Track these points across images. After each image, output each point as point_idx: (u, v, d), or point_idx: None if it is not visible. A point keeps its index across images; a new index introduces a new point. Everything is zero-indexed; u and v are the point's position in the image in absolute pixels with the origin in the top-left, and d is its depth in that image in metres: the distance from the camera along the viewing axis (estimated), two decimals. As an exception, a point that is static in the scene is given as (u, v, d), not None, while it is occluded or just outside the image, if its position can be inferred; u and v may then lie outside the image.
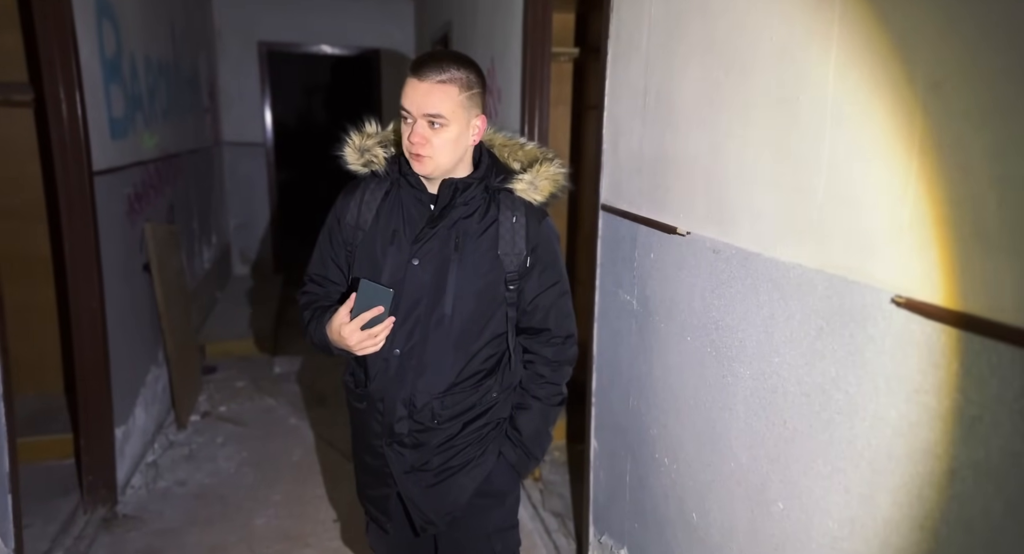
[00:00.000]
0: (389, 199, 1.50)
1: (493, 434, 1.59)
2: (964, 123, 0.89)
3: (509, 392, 1.60)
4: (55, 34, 2.48)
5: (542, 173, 1.50)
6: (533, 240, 1.49)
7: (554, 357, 1.59)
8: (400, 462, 1.54)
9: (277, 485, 3.09)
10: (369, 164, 1.52)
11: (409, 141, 1.39)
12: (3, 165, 3.10)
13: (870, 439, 1.06)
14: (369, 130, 1.55)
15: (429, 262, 1.45)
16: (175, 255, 3.95)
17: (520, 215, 1.48)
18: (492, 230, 1.47)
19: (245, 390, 4.14)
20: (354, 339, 1.38)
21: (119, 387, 2.92)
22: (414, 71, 1.37)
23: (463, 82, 1.38)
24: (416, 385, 1.49)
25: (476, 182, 1.46)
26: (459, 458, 1.55)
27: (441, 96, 1.35)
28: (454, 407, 1.52)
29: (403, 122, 1.41)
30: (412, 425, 1.52)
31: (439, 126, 1.37)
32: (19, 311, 3.22)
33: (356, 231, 1.50)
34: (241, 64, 6.10)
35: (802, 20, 1.18)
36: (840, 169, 1.10)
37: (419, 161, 1.40)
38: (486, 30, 3.45)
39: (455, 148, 1.41)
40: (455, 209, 1.45)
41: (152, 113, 3.71)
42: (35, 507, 2.75)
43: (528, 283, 1.52)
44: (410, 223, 1.47)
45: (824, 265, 1.14)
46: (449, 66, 1.36)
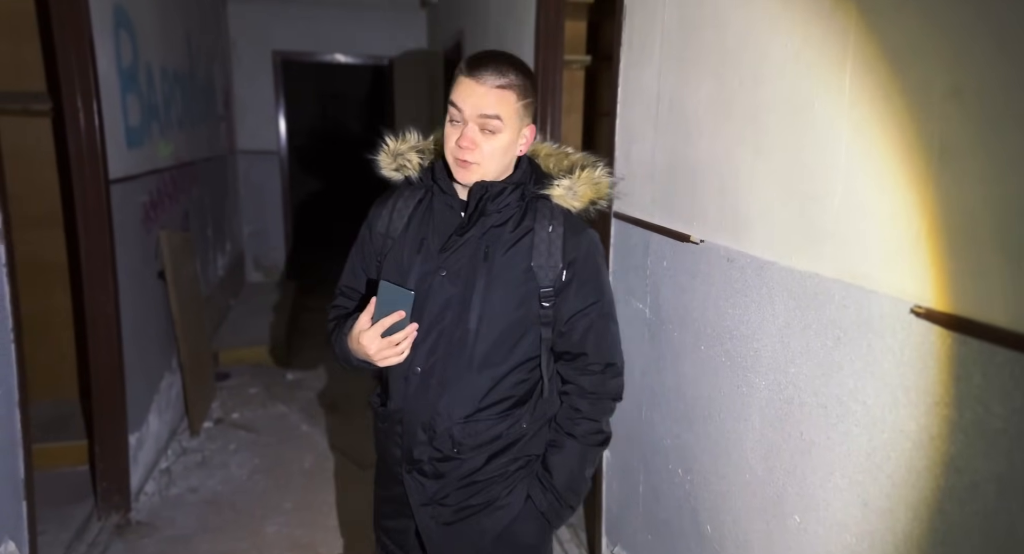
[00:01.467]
0: (421, 207, 1.42)
1: (522, 473, 1.44)
2: (984, 131, 0.87)
3: (542, 425, 1.45)
4: (73, 44, 2.51)
5: (583, 178, 1.37)
6: (571, 252, 1.36)
7: (592, 388, 1.42)
8: (419, 492, 1.42)
9: (288, 492, 3.09)
10: (402, 169, 1.45)
11: (457, 145, 1.28)
12: (21, 174, 3.13)
13: (889, 452, 1.04)
14: (408, 138, 1.48)
15: (457, 273, 1.35)
16: (189, 262, 3.97)
17: (557, 224, 1.37)
18: (526, 240, 1.36)
19: (258, 397, 4.15)
20: (374, 347, 1.28)
21: (133, 394, 2.93)
22: (471, 71, 1.27)
23: (521, 89, 1.29)
24: (436, 407, 1.37)
25: (510, 187, 1.35)
26: (481, 496, 1.42)
27: (499, 99, 1.26)
28: (477, 436, 1.38)
29: (449, 123, 1.30)
30: (431, 452, 1.40)
31: (492, 131, 1.28)
32: (35, 317, 3.25)
33: (386, 239, 1.43)
34: (256, 73, 6.15)
35: (817, 27, 1.17)
36: (857, 177, 1.09)
37: (465, 168, 1.30)
38: (498, 38, 3.46)
39: (503, 157, 1.32)
40: (487, 217, 1.35)
41: (168, 122, 3.75)
42: (49, 513, 2.77)
43: (564, 300, 1.37)
44: (439, 231, 1.38)
45: (841, 274, 1.13)
46: (509, 71, 1.27)
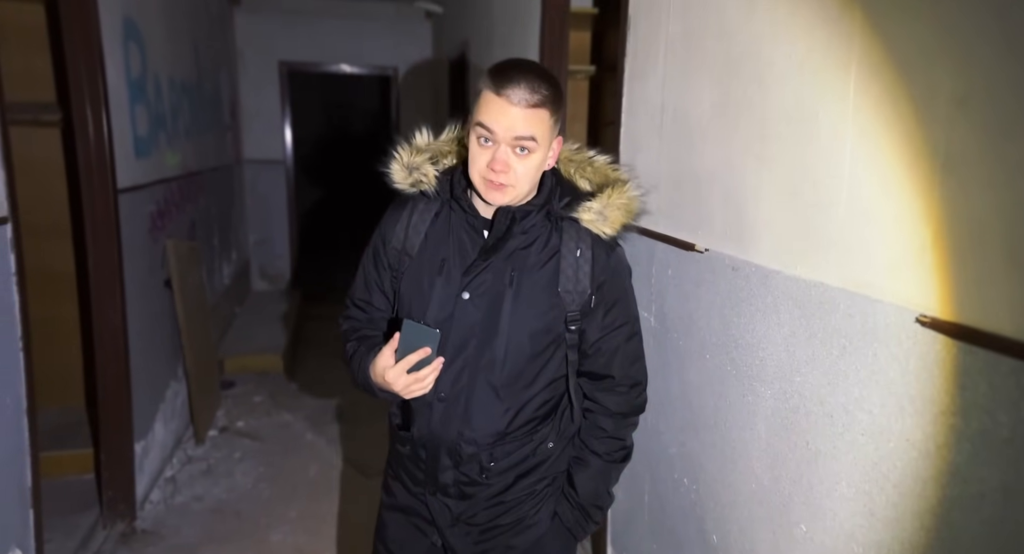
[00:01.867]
0: (439, 222, 1.35)
1: (548, 491, 1.43)
2: (990, 139, 0.87)
3: (567, 442, 1.44)
4: (83, 55, 2.53)
5: (613, 201, 1.31)
6: (599, 277, 1.32)
7: (617, 408, 1.40)
8: (444, 514, 1.40)
9: (293, 501, 3.09)
10: (418, 184, 1.36)
11: (490, 169, 1.21)
12: (31, 184, 3.15)
13: (896, 461, 1.04)
14: (420, 142, 1.39)
15: (481, 297, 1.30)
16: (196, 271, 3.99)
17: (585, 247, 1.32)
18: (553, 263, 1.31)
19: (263, 405, 4.16)
20: (400, 384, 1.25)
21: (139, 402, 2.94)
22: (502, 89, 1.18)
23: (554, 104, 1.22)
24: (462, 434, 1.34)
25: (536, 209, 1.30)
26: (510, 516, 1.40)
27: (534, 120, 1.20)
28: (504, 459, 1.37)
29: (478, 144, 1.23)
30: (457, 476, 1.37)
31: (526, 152, 1.21)
32: (43, 325, 3.26)
33: (403, 256, 1.36)
34: (262, 83, 6.19)
35: (821, 35, 1.18)
36: (861, 185, 1.09)
37: (499, 190, 1.23)
38: (503, 48, 3.48)
39: (536, 176, 1.26)
40: (512, 238, 1.30)
41: (175, 132, 3.78)
42: (55, 522, 2.77)
43: (591, 323, 1.34)
44: (461, 252, 1.32)
45: (847, 283, 1.13)
46: (541, 86, 1.20)
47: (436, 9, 5.54)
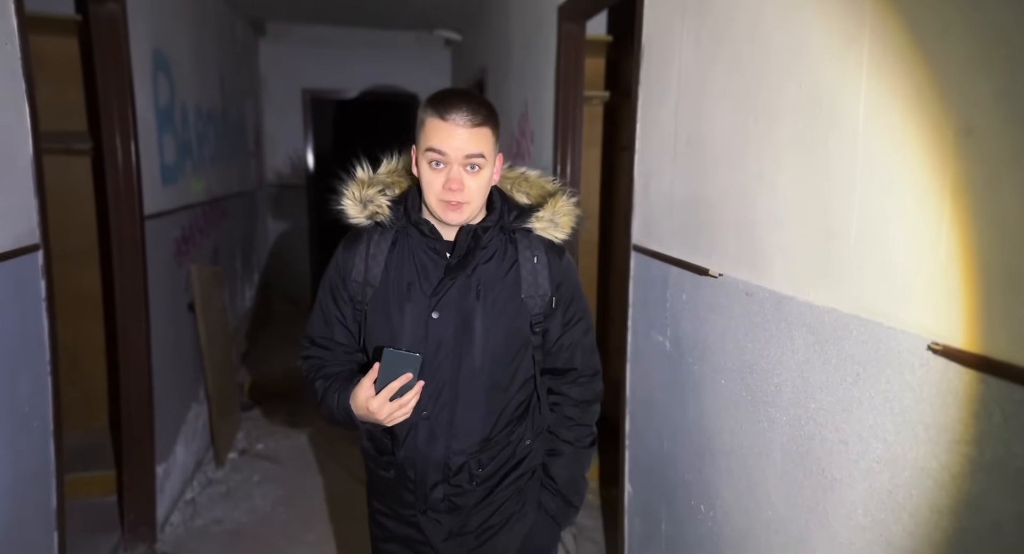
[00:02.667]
0: (397, 249, 1.40)
1: (530, 484, 1.51)
2: (997, 168, 0.88)
3: (542, 437, 1.52)
4: (114, 87, 2.62)
5: (560, 209, 1.41)
6: (556, 278, 1.42)
7: (581, 397, 1.51)
8: (437, 530, 1.44)
9: (310, 524, 3.10)
10: (374, 215, 1.40)
11: (446, 189, 1.28)
12: (62, 210, 3.24)
13: (911, 490, 1.03)
14: (362, 176, 1.43)
15: (450, 314, 1.35)
16: (218, 295, 4.05)
17: (540, 254, 1.41)
18: (513, 272, 1.39)
19: (281, 427, 4.19)
20: (384, 412, 1.26)
21: (161, 424, 2.98)
22: (446, 114, 1.27)
23: (494, 123, 1.32)
24: (450, 447, 1.39)
25: (493, 225, 1.38)
26: (499, 515, 1.47)
27: (480, 138, 1.28)
28: (491, 463, 1.43)
29: (430, 168, 1.29)
30: (448, 489, 1.42)
31: (477, 169, 1.29)
32: (71, 347, 3.33)
33: (365, 288, 1.39)
34: (285, 110, 6.32)
35: (830, 66, 1.19)
36: (872, 213, 1.10)
37: (456, 209, 1.30)
38: (520, 75, 3.53)
39: (486, 191, 1.34)
40: (474, 255, 1.37)
41: (200, 159, 3.86)
42: (79, 542, 2.80)
43: (552, 323, 1.44)
44: (425, 274, 1.37)
45: (859, 310, 1.13)
46: (480, 108, 1.29)
47: (455, 37, 5.64)
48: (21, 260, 1.74)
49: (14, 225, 1.71)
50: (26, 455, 1.78)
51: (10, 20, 1.74)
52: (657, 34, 1.90)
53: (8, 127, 1.71)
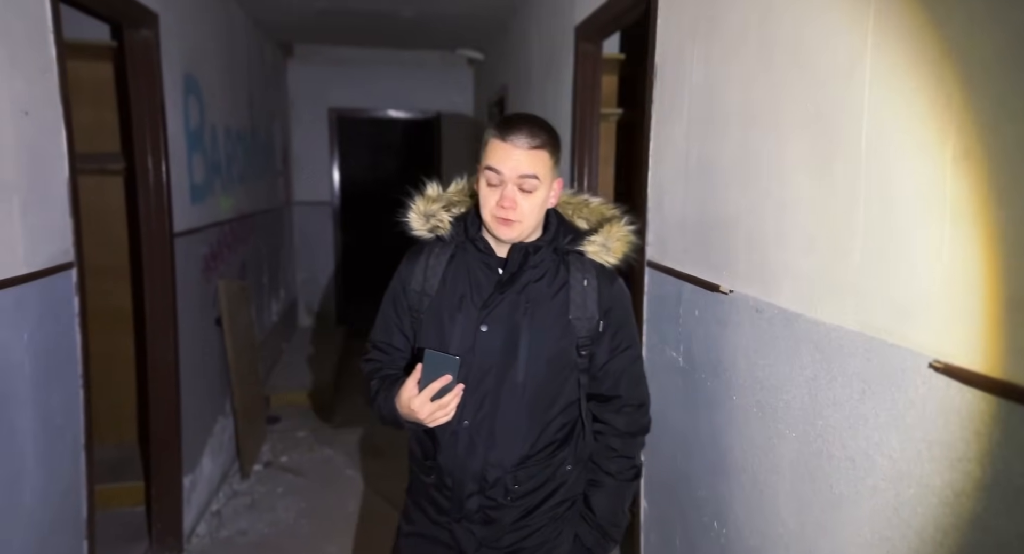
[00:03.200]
0: (454, 263, 1.46)
1: (568, 514, 1.51)
2: (990, 191, 0.89)
3: (583, 465, 1.52)
4: (147, 110, 2.71)
5: (614, 234, 1.44)
6: (606, 303, 1.43)
7: (626, 428, 1.49)
8: (470, 539, 1.47)
9: (332, 537, 3.14)
10: (435, 229, 1.48)
11: (499, 206, 1.34)
12: (97, 228, 3.36)
13: (916, 507, 1.03)
14: (431, 193, 1.51)
15: (498, 328, 1.40)
16: (245, 310, 4.14)
17: (591, 277, 1.43)
18: (563, 294, 1.42)
19: (305, 440, 4.25)
20: (425, 412, 1.30)
21: (188, 436, 3.05)
22: (506, 136, 1.33)
23: (552, 147, 1.37)
24: (488, 458, 1.42)
25: (546, 245, 1.42)
26: (533, 539, 1.47)
27: (535, 161, 1.33)
28: (528, 482, 1.44)
29: (487, 186, 1.36)
30: (483, 501, 1.44)
31: (531, 189, 1.34)
32: (103, 361, 3.43)
33: (422, 297, 1.46)
34: (312, 129, 6.46)
35: (835, 86, 1.21)
36: (875, 232, 1.11)
37: (507, 226, 1.36)
38: (540, 93, 3.59)
39: (540, 212, 1.39)
40: (525, 273, 1.41)
41: (229, 178, 3.97)
42: (109, 552, 2.87)
43: (600, 348, 1.45)
44: (478, 288, 1.43)
45: (864, 327, 1.14)
46: (540, 131, 1.35)
47: (478, 56, 5.72)
48: (56, 277, 1.82)
49: (50, 244, 1.79)
50: (59, 466, 1.85)
51: (50, 50, 1.83)
52: (669, 55, 1.93)
53: (46, 152, 1.79)
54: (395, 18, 4.66)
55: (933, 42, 0.99)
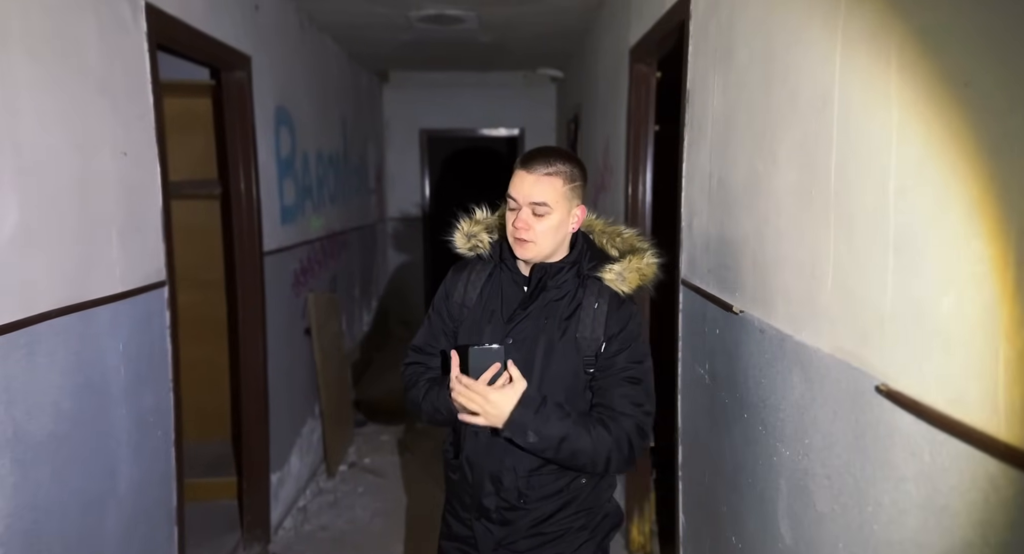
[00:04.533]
0: (492, 280, 1.60)
1: (586, 534, 1.57)
2: (931, 220, 0.94)
3: (599, 478, 1.58)
4: (240, 141, 3.04)
5: (632, 265, 1.51)
6: (612, 327, 1.50)
7: (616, 431, 1.44)
8: (488, 538, 1.57)
9: (401, 537, 3.34)
10: (475, 248, 1.62)
11: (514, 226, 1.47)
12: (201, 246, 3.77)
13: (874, 525, 1.07)
14: (478, 216, 1.65)
15: (522, 342, 1.50)
16: (334, 320, 4.46)
17: (603, 302, 1.51)
18: (576, 314, 1.51)
19: (388, 444, 4.50)
20: (482, 399, 1.38)
21: (277, 436, 3.35)
22: (524, 164, 1.47)
23: (567, 175, 1.46)
24: (504, 462, 1.52)
25: (567, 266, 1.51)
26: (549, 549, 1.55)
27: (546, 187, 1.44)
28: (541, 488, 1.53)
29: (508, 209, 1.51)
30: (499, 501, 1.54)
31: (542, 214, 1.45)
32: (203, 367, 3.82)
33: (462, 308, 1.60)
34: (405, 150, 6.83)
35: (813, 122, 1.26)
36: (842, 262, 1.16)
37: (522, 246, 1.48)
38: (604, 111, 3.68)
39: (555, 235, 1.48)
40: (547, 292, 1.52)
41: (320, 199, 4.31)
42: (205, 540, 3.19)
43: (603, 367, 1.51)
44: (506, 303, 1.55)
45: (835, 350, 1.18)
46: (555, 161, 1.45)
47: (558, 74, 5.87)
48: (150, 295, 2.11)
49: (144, 266, 2.08)
50: (151, 460, 2.13)
51: (147, 98, 2.13)
52: (697, 81, 2.00)
53: (142, 185, 2.09)
54: (474, 43, 4.89)
55: (890, 78, 1.04)
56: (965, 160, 0.85)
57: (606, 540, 1.65)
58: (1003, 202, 0.78)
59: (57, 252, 1.67)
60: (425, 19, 4.14)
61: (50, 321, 1.61)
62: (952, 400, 0.87)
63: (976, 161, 0.83)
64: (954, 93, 0.87)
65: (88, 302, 1.77)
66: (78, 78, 1.78)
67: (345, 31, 4.47)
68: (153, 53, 2.13)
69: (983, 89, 0.82)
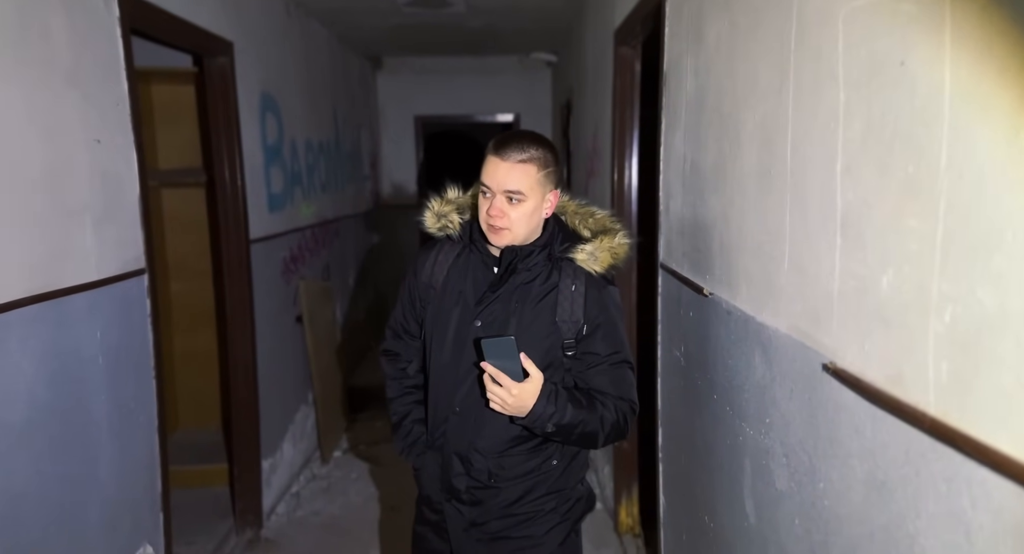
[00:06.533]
0: (460, 261, 1.59)
1: (556, 516, 1.57)
2: (870, 205, 0.93)
3: (571, 460, 1.59)
4: (224, 128, 3.03)
5: (603, 245, 1.51)
6: (591, 309, 1.50)
7: (615, 412, 1.47)
8: (458, 519, 1.57)
9: (395, 522, 3.37)
10: (444, 229, 1.60)
11: (488, 214, 1.45)
12: (193, 235, 3.78)
13: (824, 501, 1.08)
14: (450, 196, 1.63)
15: (491, 324, 1.50)
16: (327, 308, 4.47)
17: (580, 284, 1.50)
18: (552, 296, 1.50)
19: (382, 431, 4.53)
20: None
21: (268, 424, 3.37)
22: (496, 151, 1.43)
23: (541, 161, 1.44)
24: (473, 443, 1.53)
25: (537, 250, 1.50)
26: (520, 530, 1.56)
27: (521, 174, 1.42)
28: (512, 469, 1.53)
29: (481, 195, 1.48)
30: (469, 481, 1.55)
31: (517, 201, 1.43)
32: (191, 355, 3.84)
33: (428, 288, 1.60)
34: (400, 136, 6.82)
35: (770, 103, 1.26)
36: (797, 241, 1.16)
37: (497, 233, 1.46)
38: (593, 96, 3.66)
39: (529, 221, 1.47)
40: (517, 274, 1.50)
41: (311, 187, 4.30)
42: (202, 526, 3.21)
43: (584, 350, 1.50)
44: (475, 285, 1.54)
45: (790, 330, 1.19)
46: (529, 146, 1.42)
47: (552, 58, 5.84)
48: (129, 283, 2.12)
49: (121, 254, 2.09)
50: (133, 446, 2.15)
51: (122, 85, 2.13)
52: (672, 63, 1.99)
53: (118, 173, 2.09)
54: (465, 28, 4.86)
55: (837, 57, 1.03)
56: (904, 137, 0.84)
57: (578, 523, 1.66)
58: (934, 179, 0.78)
59: (26, 240, 1.67)
60: (412, 3, 4.11)
61: (20, 309, 1.61)
62: (890, 377, 0.87)
63: (911, 139, 0.83)
64: (888, 69, 0.86)
65: (61, 290, 1.78)
66: (44, 66, 1.77)
67: (333, 16, 4.45)
68: (127, 39, 2.12)
69: (913, 68, 0.82)
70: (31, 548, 1.67)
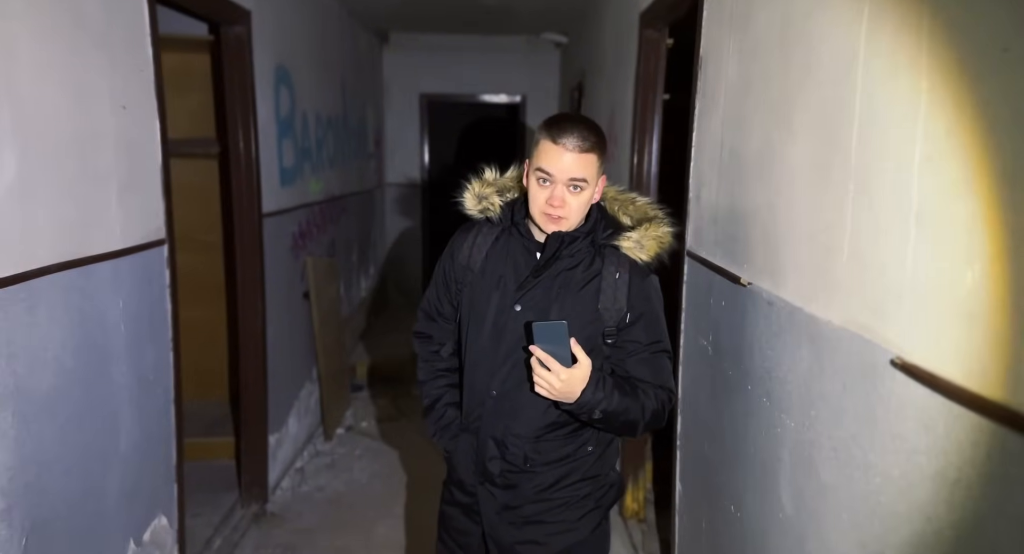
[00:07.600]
0: (499, 244, 1.56)
1: (591, 502, 1.58)
2: (951, 193, 0.92)
3: (604, 447, 1.59)
4: (239, 99, 2.98)
5: (650, 233, 1.49)
6: (635, 298, 1.49)
7: (656, 399, 1.47)
8: (491, 502, 1.57)
9: (400, 498, 3.38)
10: (485, 211, 1.59)
11: (549, 204, 1.42)
12: (200, 207, 3.72)
13: (880, 496, 1.07)
14: (488, 177, 1.61)
15: (531, 309, 1.48)
16: (332, 285, 4.44)
17: (624, 272, 1.49)
18: (595, 283, 1.49)
19: (385, 408, 4.53)
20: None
21: (275, 399, 3.35)
22: (558, 138, 1.39)
23: (601, 148, 1.43)
24: (510, 427, 1.52)
25: (582, 236, 1.49)
26: (554, 515, 1.56)
27: (586, 163, 1.40)
28: (547, 454, 1.53)
29: (538, 183, 1.43)
30: (504, 465, 1.54)
31: (579, 189, 1.41)
32: (200, 328, 3.80)
33: (466, 271, 1.58)
34: (404, 114, 6.73)
35: (833, 92, 1.24)
36: (860, 234, 1.14)
37: (556, 223, 1.44)
38: (610, 79, 3.62)
39: (585, 208, 1.46)
40: (560, 260, 1.49)
41: (319, 162, 4.25)
42: (207, 498, 3.21)
43: (626, 340, 1.50)
44: (516, 270, 1.52)
45: (847, 323, 1.18)
46: (589, 134, 1.40)
47: (562, 39, 5.77)
48: (150, 253, 2.08)
49: (144, 223, 2.05)
50: (151, 417, 2.13)
51: (147, 51, 2.08)
52: (711, 48, 1.96)
53: (142, 141, 2.05)
54: (479, 4, 4.78)
55: (921, 44, 1.01)
56: (998, 130, 0.83)
57: (609, 509, 1.66)
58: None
59: (57, 206, 1.64)
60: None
61: (51, 276, 1.58)
62: (970, 374, 0.86)
63: (1010, 132, 0.81)
64: (990, 59, 0.84)
65: (88, 258, 1.74)
66: (76, 29, 1.72)
67: (346, -12, 4.37)
68: (152, 4, 2.07)
69: (1019, 53, 0.80)
70: (57, 521, 1.66)
